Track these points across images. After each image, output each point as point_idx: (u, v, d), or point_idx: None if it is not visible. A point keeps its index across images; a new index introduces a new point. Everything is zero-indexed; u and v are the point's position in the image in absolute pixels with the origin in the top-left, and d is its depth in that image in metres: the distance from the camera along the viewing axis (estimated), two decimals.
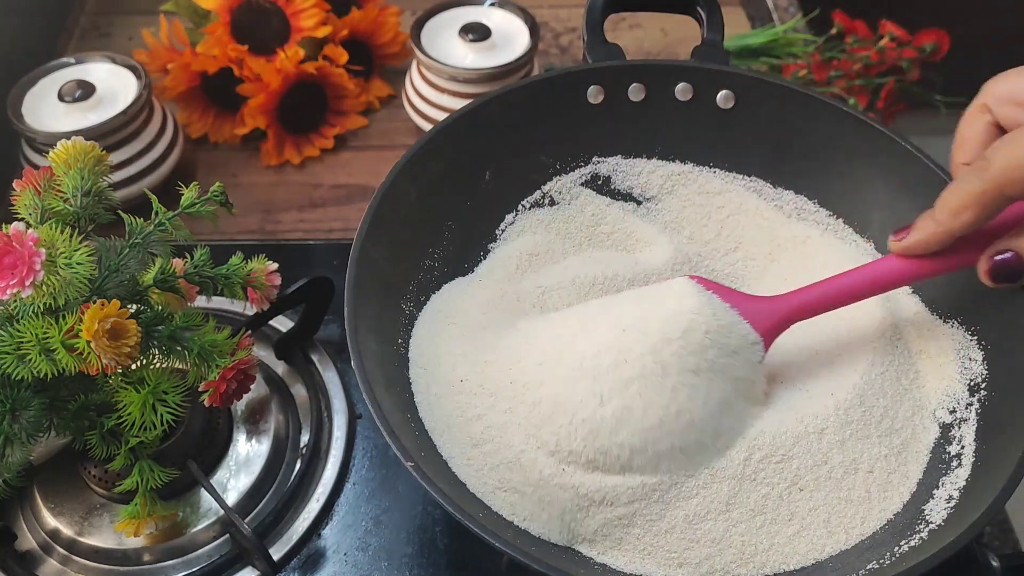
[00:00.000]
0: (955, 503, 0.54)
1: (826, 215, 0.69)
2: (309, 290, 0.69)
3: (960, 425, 0.59)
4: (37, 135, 0.79)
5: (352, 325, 0.54)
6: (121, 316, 0.51)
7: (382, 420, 0.50)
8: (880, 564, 0.52)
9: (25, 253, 0.49)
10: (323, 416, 0.70)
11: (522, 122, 0.68)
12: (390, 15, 0.97)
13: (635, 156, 0.71)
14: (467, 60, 0.87)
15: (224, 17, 0.88)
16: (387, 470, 0.67)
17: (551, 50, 1.05)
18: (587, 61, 0.69)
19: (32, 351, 0.51)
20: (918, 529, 0.54)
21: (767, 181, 0.71)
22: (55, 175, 0.58)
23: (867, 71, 0.98)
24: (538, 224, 0.70)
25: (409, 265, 0.63)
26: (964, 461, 0.56)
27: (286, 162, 0.92)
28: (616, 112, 0.69)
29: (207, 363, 0.57)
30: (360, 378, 0.52)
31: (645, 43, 1.06)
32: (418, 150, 0.63)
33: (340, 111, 0.94)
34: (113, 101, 0.82)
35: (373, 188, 0.62)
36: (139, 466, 0.57)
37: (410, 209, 0.63)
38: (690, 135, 0.70)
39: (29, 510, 0.63)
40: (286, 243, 0.84)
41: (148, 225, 0.59)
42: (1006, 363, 0.58)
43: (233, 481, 0.64)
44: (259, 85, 0.88)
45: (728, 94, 0.69)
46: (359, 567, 0.63)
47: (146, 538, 0.61)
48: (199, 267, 0.60)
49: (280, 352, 0.72)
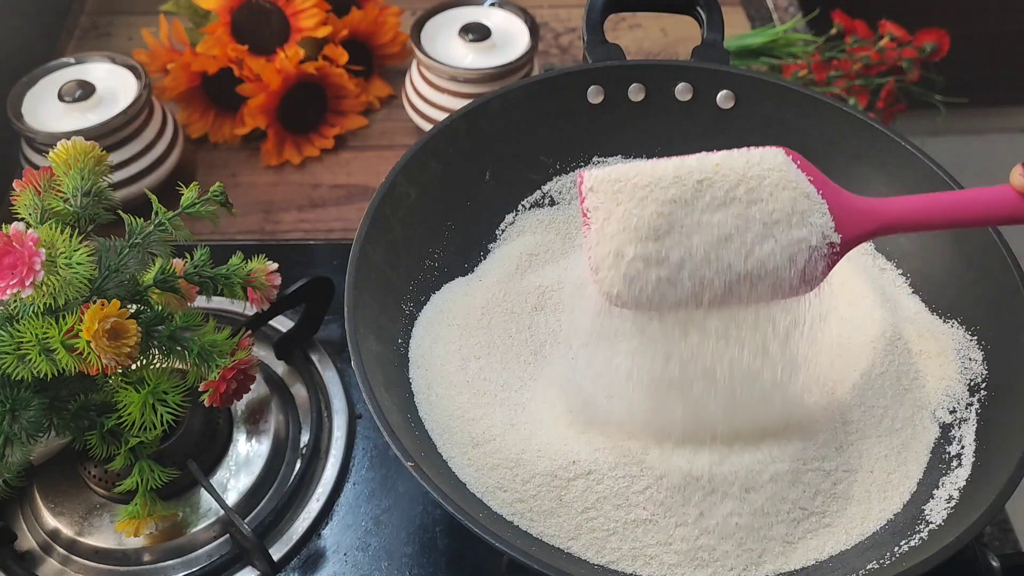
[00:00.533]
0: (955, 503, 0.54)
1: None
2: (309, 290, 0.69)
3: (960, 425, 0.59)
4: (37, 135, 0.79)
5: (352, 325, 0.54)
6: (121, 316, 0.51)
7: (382, 420, 0.50)
8: (880, 564, 0.52)
9: (25, 253, 0.49)
10: (323, 416, 0.70)
11: (522, 122, 0.68)
12: (390, 15, 0.97)
13: (635, 156, 0.71)
14: (467, 60, 0.87)
15: (224, 17, 0.88)
16: (387, 470, 0.67)
17: (551, 50, 1.05)
18: (587, 61, 0.69)
19: (32, 351, 0.51)
20: (918, 529, 0.54)
21: None
22: (55, 175, 0.58)
23: (867, 71, 0.98)
24: (538, 224, 0.70)
25: (409, 265, 0.64)
26: (964, 461, 0.56)
27: (286, 162, 0.92)
28: (616, 112, 0.69)
29: (207, 363, 0.57)
30: (360, 378, 0.52)
31: (645, 43, 1.06)
32: (418, 150, 0.63)
33: (340, 111, 0.94)
34: (113, 101, 0.82)
35: (373, 188, 0.62)
36: (139, 466, 0.57)
37: (410, 209, 0.63)
38: (690, 135, 0.70)
39: (29, 510, 0.63)
40: (286, 243, 0.84)
41: (148, 225, 0.59)
42: (1006, 363, 0.58)
43: (233, 481, 0.64)
44: (259, 85, 0.88)
45: (728, 94, 0.69)
46: (359, 567, 0.63)
47: (146, 538, 0.61)
48: (199, 267, 0.60)
49: (280, 352, 0.72)
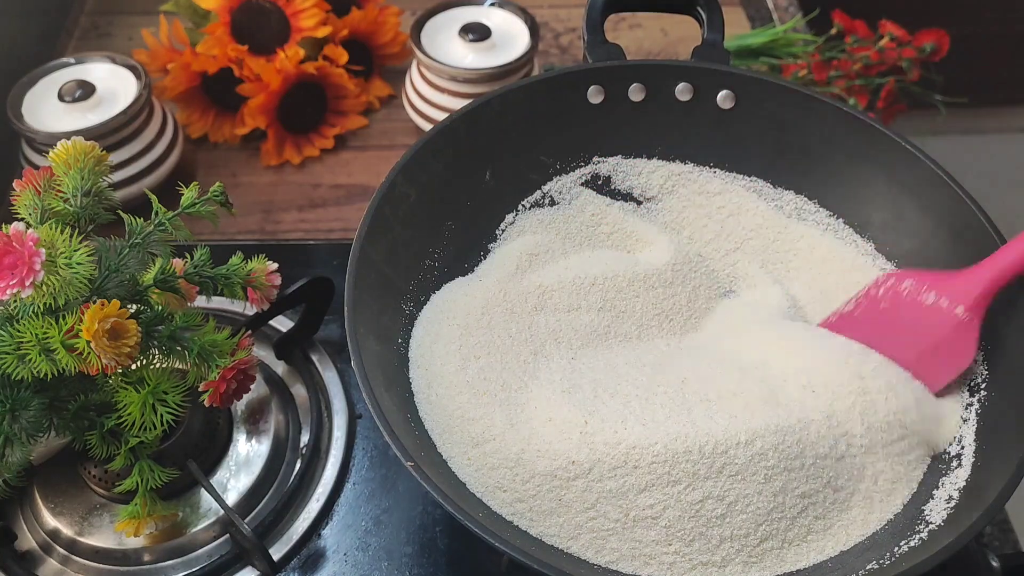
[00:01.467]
0: (955, 503, 0.54)
1: (826, 215, 0.69)
2: (309, 290, 0.69)
3: (960, 425, 0.59)
4: (37, 135, 0.79)
5: (352, 325, 0.54)
6: (121, 316, 0.51)
7: (382, 420, 0.50)
8: (880, 564, 0.52)
9: (25, 253, 0.49)
10: (323, 416, 0.70)
11: (522, 122, 0.68)
12: (390, 15, 0.97)
13: (635, 156, 0.71)
14: (467, 60, 0.87)
15: (224, 17, 0.88)
16: (387, 470, 0.67)
17: (551, 50, 1.05)
18: (587, 61, 0.69)
19: (32, 351, 0.51)
20: (918, 529, 0.54)
21: (767, 181, 0.71)
22: (55, 175, 0.58)
23: (867, 71, 0.98)
24: (538, 224, 0.70)
25: (409, 265, 0.63)
26: (964, 461, 0.56)
27: (286, 162, 0.92)
28: (616, 112, 0.69)
29: (207, 363, 0.57)
30: (360, 378, 0.52)
31: (645, 43, 1.06)
32: (418, 150, 0.63)
33: (340, 111, 0.94)
34: (113, 101, 0.82)
35: (373, 188, 0.62)
36: (139, 466, 0.57)
37: (410, 209, 0.63)
38: (690, 135, 0.70)
39: (29, 510, 0.63)
40: (286, 243, 0.84)
41: (148, 225, 0.59)
42: (1006, 363, 0.58)
43: (233, 481, 0.64)
44: (259, 85, 0.88)
45: (728, 94, 0.69)
46: (359, 567, 0.63)
47: (146, 538, 0.61)
48: (199, 267, 0.60)
49: (280, 352, 0.72)
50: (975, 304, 0.56)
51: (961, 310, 0.55)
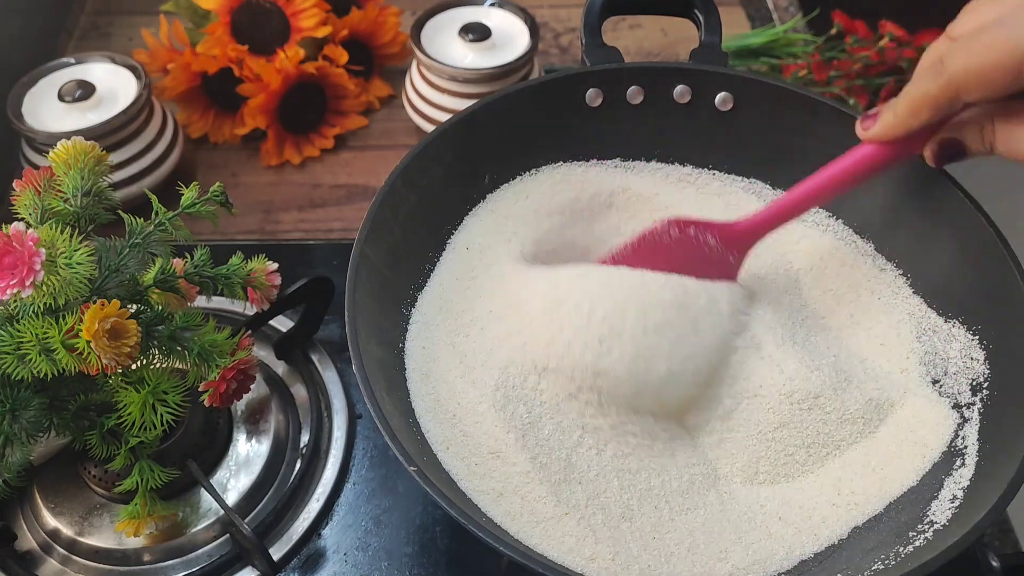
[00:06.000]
0: (959, 503, 0.54)
1: (826, 215, 0.69)
2: (309, 290, 0.69)
3: (963, 425, 0.59)
4: (37, 135, 0.79)
5: (353, 329, 0.54)
6: (121, 316, 0.51)
7: (383, 423, 0.50)
8: (886, 565, 0.52)
9: (25, 253, 0.49)
10: (323, 416, 0.70)
11: (521, 126, 0.68)
12: (390, 15, 0.97)
13: (634, 159, 0.71)
14: (467, 60, 0.87)
15: (224, 17, 0.88)
16: (387, 470, 0.67)
17: (551, 50, 1.05)
18: (585, 64, 0.69)
19: (32, 351, 0.51)
20: (922, 529, 0.54)
21: (766, 182, 0.71)
22: (55, 175, 0.58)
23: (867, 71, 0.98)
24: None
25: (409, 268, 0.63)
26: (968, 461, 0.56)
27: (286, 162, 0.92)
28: (615, 115, 0.69)
29: (207, 363, 0.57)
30: (361, 381, 0.51)
31: (645, 43, 1.06)
32: (417, 154, 0.63)
33: (340, 111, 0.94)
34: (113, 101, 0.82)
35: (373, 188, 0.62)
36: (139, 466, 0.57)
37: (410, 212, 0.63)
38: (689, 137, 0.70)
39: (29, 510, 0.64)
40: (286, 243, 0.85)
41: (148, 225, 0.59)
42: (1008, 362, 0.58)
43: (233, 481, 0.64)
44: (259, 85, 0.88)
45: (726, 96, 0.69)
46: (359, 567, 0.63)
47: (146, 538, 0.61)
48: (199, 267, 0.60)
49: (280, 352, 0.72)
50: (740, 252, 0.63)
51: (732, 257, 0.63)
